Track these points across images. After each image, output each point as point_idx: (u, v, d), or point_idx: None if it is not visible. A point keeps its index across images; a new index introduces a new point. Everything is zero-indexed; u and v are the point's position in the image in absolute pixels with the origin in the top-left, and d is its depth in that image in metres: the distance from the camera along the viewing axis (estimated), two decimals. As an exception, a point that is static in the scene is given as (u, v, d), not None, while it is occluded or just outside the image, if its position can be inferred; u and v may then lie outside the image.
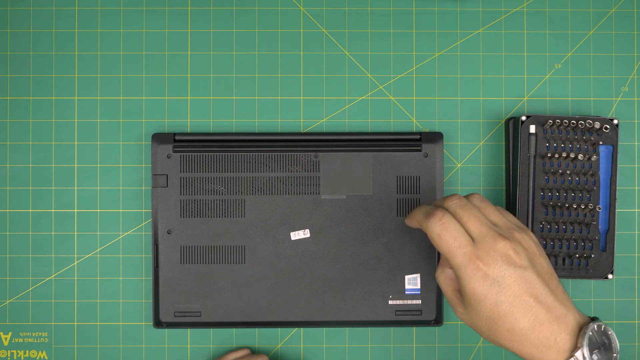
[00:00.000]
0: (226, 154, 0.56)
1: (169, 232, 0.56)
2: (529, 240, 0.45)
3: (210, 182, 0.56)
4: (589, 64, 0.59)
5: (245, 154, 0.56)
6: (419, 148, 0.57)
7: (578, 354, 0.41)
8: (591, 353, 0.41)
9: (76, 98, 0.58)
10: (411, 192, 0.56)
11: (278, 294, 0.56)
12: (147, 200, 0.58)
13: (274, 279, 0.56)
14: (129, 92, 0.58)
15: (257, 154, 0.56)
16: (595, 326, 0.42)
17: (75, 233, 0.58)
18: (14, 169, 0.58)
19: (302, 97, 0.59)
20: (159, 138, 0.56)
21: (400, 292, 0.56)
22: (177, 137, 0.57)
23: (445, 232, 0.44)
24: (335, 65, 0.59)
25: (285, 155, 0.56)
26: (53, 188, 0.58)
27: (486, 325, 0.43)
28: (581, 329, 0.42)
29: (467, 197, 0.47)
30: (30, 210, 0.58)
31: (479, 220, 0.44)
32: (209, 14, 0.59)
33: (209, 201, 0.56)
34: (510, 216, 0.47)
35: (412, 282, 0.56)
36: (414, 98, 0.59)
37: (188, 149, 0.56)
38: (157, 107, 0.58)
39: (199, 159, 0.56)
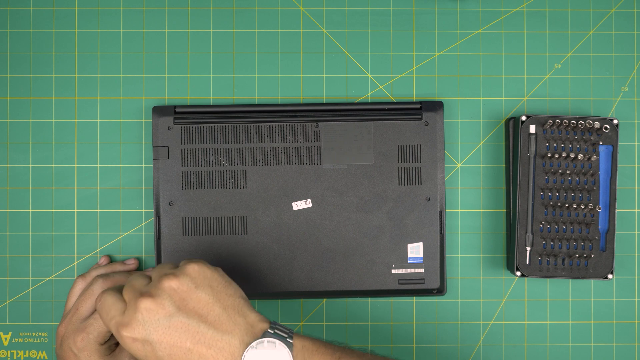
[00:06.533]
0: (227, 125, 0.56)
1: (170, 204, 0.56)
2: (180, 280, 0.44)
3: (211, 154, 0.56)
4: (589, 64, 0.59)
5: (246, 125, 0.56)
6: (420, 117, 0.57)
7: None
8: None
9: (76, 98, 0.58)
10: (413, 160, 0.56)
11: (280, 265, 0.56)
12: (147, 200, 0.58)
13: (276, 249, 0.56)
14: (129, 92, 0.58)
15: (257, 124, 0.56)
16: (256, 343, 0.42)
17: (75, 233, 0.58)
18: (14, 169, 0.58)
19: (302, 97, 0.59)
20: (160, 110, 0.56)
21: (403, 261, 0.56)
22: (177, 109, 0.57)
23: (102, 310, 0.45)
24: (335, 65, 0.59)
25: (286, 125, 0.56)
26: (53, 188, 0.58)
27: None
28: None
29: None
30: (30, 210, 0.58)
31: (132, 286, 0.45)
32: (209, 14, 0.59)
33: (210, 172, 0.56)
34: (167, 266, 0.46)
35: (415, 250, 0.56)
36: (414, 98, 0.59)
37: (188, 121, 0.56)
38: (157, 107, 0.58)
39: (200, 131, 0.56)
